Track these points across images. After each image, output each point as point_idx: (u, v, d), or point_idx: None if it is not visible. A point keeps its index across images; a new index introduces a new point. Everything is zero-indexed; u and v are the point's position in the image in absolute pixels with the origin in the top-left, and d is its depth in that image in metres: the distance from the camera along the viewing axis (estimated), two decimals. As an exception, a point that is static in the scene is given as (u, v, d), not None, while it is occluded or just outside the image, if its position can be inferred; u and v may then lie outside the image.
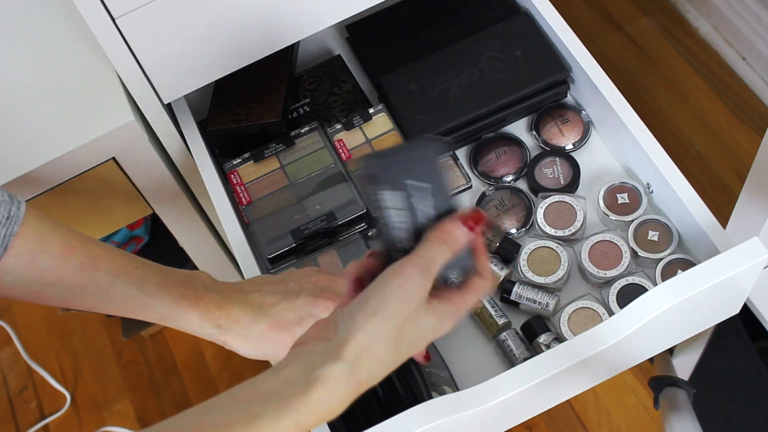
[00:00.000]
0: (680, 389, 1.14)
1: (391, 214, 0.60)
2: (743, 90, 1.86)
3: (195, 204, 1.16)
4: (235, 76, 0.96)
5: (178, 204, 1.13)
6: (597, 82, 0.92)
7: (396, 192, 0.60)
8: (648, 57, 1.94)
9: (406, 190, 0.60)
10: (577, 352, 0.73)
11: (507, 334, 0.85)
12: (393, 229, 0.60)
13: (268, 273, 0.93)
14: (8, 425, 1.83)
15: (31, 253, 0.67)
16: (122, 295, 0.71)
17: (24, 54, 1.03)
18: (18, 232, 0.66)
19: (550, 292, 0.87)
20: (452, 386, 0.84)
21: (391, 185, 0.59)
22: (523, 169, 0.97)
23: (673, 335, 0.86)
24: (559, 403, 0.82)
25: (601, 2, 2.03)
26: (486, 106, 0.96)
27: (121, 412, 1.82)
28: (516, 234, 0.93)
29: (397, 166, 0.59)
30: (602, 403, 1.64)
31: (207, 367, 1.85)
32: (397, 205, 0.60)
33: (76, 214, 1.06)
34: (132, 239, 1.72)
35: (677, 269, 0.85)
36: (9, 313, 1.96)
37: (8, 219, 0.65)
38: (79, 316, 1.91)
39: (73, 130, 0.96)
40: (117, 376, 1.86)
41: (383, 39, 1.08)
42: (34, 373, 1.88)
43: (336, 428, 0.77)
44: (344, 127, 1.00)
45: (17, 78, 1.01)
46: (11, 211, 0.66)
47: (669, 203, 0.88)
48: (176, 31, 0.87)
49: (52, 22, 1.02)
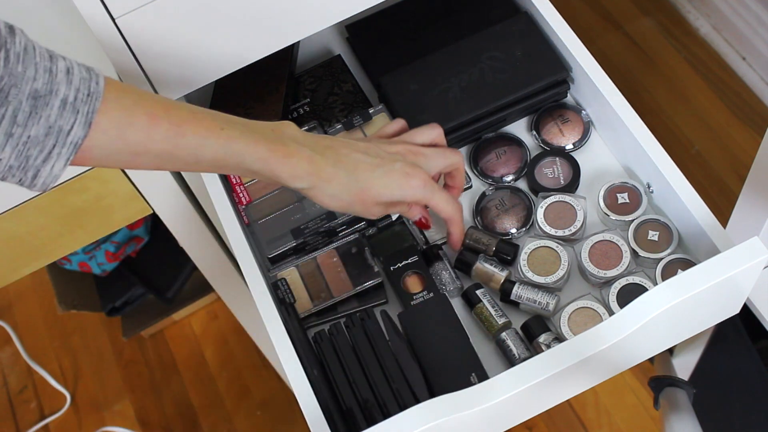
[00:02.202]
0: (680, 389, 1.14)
1: None
2: (743, 90, 1.86)
3: (195, 204, 1.16)
4: (235, 76, 0.96)
5: (178, 204, 1.13)
6: (597, 82, 0.92)
7: None
8: (648, 57, 1.94)
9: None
10: (577, 352, 0.73)
11: (507, 333, 0.85)
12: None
13: (269, 273, 0.93)
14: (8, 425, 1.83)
15: (117, 127, 0.67)
16: (211, 155, 0.72)
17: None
18: (100, 107, 0.66)
19: (550, 292, 0.87)
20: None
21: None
22: (523, 169, 0.97)
23: (673, 335, 0.86)
24: (559, 403, 0.82)
25: (601, 2, 2.03)
26: (486, 106, 0.96)
27: (121, 412, 1.82)
28: (516, 234, 0.93)
29: None
30: (602, 403, 1.64)
31: (207, 367, 1.85)
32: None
33: (76, 214, 1.06)
34: (132, 239, 1.72)
35: (677, 269, 0.85)
36: (9, 313, 1.96)
37: (89, 96, 0.65)
38: (79, 316, 1.91)
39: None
40: (117, 376, 1.87)
41: (383, 39, 1.08)
42: (34, 373, 1.88)
43: (336, 428, 0.77)
44: (344, 127, 1.00)
45: (17, 78, 1.01)
46: (91, 87, 0.66)
47: (669, 203, 0.88)
48: (176, 31, 0.87)
49: (51, 22, 1.02)
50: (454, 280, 0.90)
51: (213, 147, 0.72)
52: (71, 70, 0.65)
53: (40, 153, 0.64)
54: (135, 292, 1.77)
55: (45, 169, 0.65)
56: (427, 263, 0.91)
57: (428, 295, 0.88)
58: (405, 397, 0.78)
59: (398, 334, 0.82)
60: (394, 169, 0.80)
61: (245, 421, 1.77)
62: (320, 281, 0.92)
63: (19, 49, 0.63)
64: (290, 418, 1.75)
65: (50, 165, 0.65)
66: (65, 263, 1.71)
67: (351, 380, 0.80)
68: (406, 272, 0.90)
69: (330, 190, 0.77)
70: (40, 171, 0.65)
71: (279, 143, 0.75)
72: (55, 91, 0.64)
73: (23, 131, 0.63)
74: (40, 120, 0.63)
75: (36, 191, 0.67)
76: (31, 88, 0.63)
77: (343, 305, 0.91)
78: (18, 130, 0.63)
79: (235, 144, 0.73)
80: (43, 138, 0.64)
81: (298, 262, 0.93)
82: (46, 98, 0.64)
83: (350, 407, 0.79)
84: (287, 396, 1.76)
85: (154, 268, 1.76)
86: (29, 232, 1.06)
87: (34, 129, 0.64)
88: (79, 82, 0.65)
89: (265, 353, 1.69)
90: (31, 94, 0.63)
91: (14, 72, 0.62)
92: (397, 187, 0.80)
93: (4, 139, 0.63)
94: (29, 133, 0.63)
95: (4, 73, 0.62)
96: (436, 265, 0.91)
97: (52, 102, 0.64)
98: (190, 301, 1.86)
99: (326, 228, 0.92)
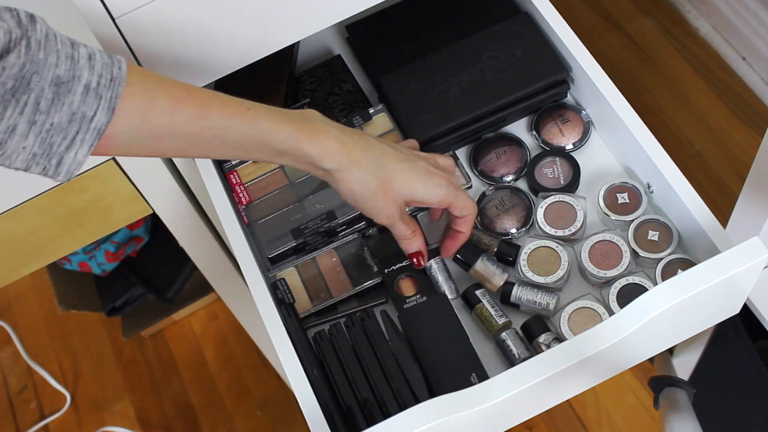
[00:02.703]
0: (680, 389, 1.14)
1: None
2: (743, 90, 1.86)
3: (195, 204, 1.15)
4: (235, 76, 0.96)
5: (178, 204, 1.13)
6: (597, 82, 0.92)
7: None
8: (648, 57, 1.94)
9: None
10: (577, 352, 0.73)
11: (507, 333, 0.85)
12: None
13: (268, 273, 0.93)
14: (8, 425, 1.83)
15: (141, 111, 0.67)
16: (237, 136, 0.71)
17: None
18: (124, 92, 0.65)
19: (550, 292, 0.87)
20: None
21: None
22: (523, 169, 0.97)
23: (673, 335, 0.86)
24: (559, 403, 0.82)
25: (601, 2, 2.03)
26: (486, 106, 0.96)
27: (121, 412, 1.82)
28: (516, 234, 0.93)
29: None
30: (602, 403, 1.64)
31: (207, 367, 1.85)
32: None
33: (76, 214, 1.06)
34: (132, 239, 1.72)
35: (677, 269, 0.85)
36: (9, 313, 1.96)
37: (111, 81, 0.65)
38: (79, 316, 1.91)
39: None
40: (117, 376, 1.87)
41: (383, 39, 1.08)
42: (34, 373, 1.88)
43: (336, 428, 0.77)
44: (344, 127, 1.01)
45: (17, 78, 1.01)
46: (113, 73, 0.65)
47: (669, 203, 0.88)
48: (176, 31, 0.87)
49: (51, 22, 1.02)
50: (450, 285, 0.90)
51: (239, 127, 0.71)
52: (93, 57, 0.65)
53: (63, 140, 0.64)
54: (135, 292, 1.77)
55: (69, 156, 0.65)
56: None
57: (421, 299, 0.88)
58: (405, 397, 0.78)
59: (398, 334, 0.82)
60: (418, 166, 0.80)
61: (245, 421, 1.77)
62: (320, 281, 0.92)
63: (41, 37, 0.63)
64: (290, 418, 1.75)
65: (74, 152, 0.65)
66: (65, 263, 1.71)
67: (351, 380, 0.80)
68: (400, 275, 0.90)
69: (358, 174, 0.76)
70: (64, 158, 0.65)
71: (307, 123, 0.74)
72: (78, 77, 0.64)
73: (46, 118, 0.63)
74: (63, 107, 0.63)
75: (60, 180, 0.66)
76: (53, 75, 0.63)
77: (343, 305, 0.91)
78: (41, 118, 0.63)
79: (262, 123, 0.72)
80: (67, 125, 0.64)
81: (297, 262, 0.93)
82: (68, 84, 0.63)
83: (350, 407, 0.79)
84: (287, 396, 1.76)
85: (154, 268, 1.76)
86: (29, 232, 1.06)
87: (57, 116, 0.63)
88: (101, 68, 0.65)
89: (265, 353, 1.69)
90: (54, 80, 0.63)
91: (36, 59, 0.62)
92: (422, 183, 0.79)
93: (27, 126, 0.62)
94: (52, 120, 0.63)
95: (26, 60, 0.61)
96: (432, 265, 0.90)
97: (75, 88, 0.63)
98: (190, 301, 1.86)
99: (326, 228, 0.92)
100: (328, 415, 0.77)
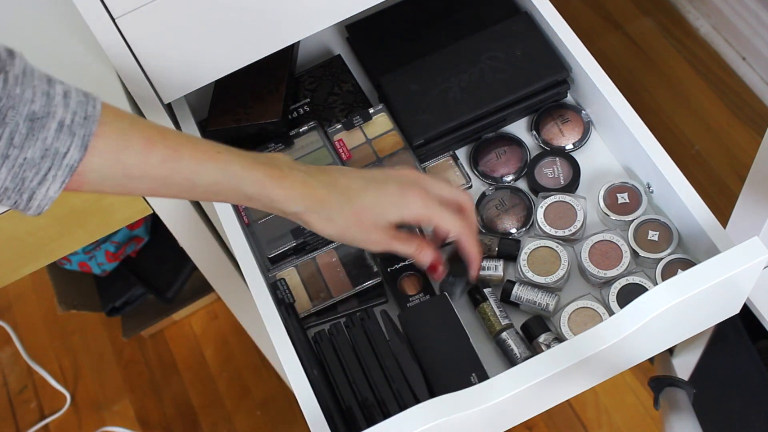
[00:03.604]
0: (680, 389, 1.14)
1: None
2: (743, 90, 1.86)
3: (195, 204, 1.15)
4: (235, 76, 0.96)
5: (178, 204, 1.13)
6: (597, 82, 0.92)
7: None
8: (648, 57, 1.94)
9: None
10: (577, 352, 0.73)
11: (507, 333, 0.85)
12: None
13: (268, 273, 0.93)
14: (8, 425, 1.83)
15: (114, 150, 0.67)
16: (207, 180, 0.72)
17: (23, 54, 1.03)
18: (97, 131, 0.66)
19: (550, 292, 0.87)
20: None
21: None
22: (523, 169, 0.97)
23: (673, 335, 0.86)
24: (559, 403, 0.82)
25: (601, 2, 2.03)
26: (486, 106, 0.96)
27: (121, 412, 1.82)
28: (516, 234, 0.93)
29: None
30: (602, 403, 1.64)
31: (207, 367, 1.85)
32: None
33: (76, 214, 1.06)
34: (132, 239, 1.72)
35: (677, 269, 0.85)
36: (9, 313, 1.96)
37: (85, 119, 0.65)
38: (79, 316, 1.91)
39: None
40: (117, 376, 1.86)
41: (383, 39, 1.08)
42: (34, 373, 1.88)
43: (336, 428, 0.77)
44: (344, 127, 1.00)
45: (17, 78, 1.01)
46: (87, 111, 0.66)
47: (669, 203, 0.88)
48: (176, 31, 0.87)
49: (51, 22, 1.02)
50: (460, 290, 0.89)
51: (210, 170, 0.72)
52: (68, 94, 0.66)
53: (35, 175, 0.64)
54: (135, 292, 1.77)
55: (40, 192, 0.65)
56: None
57: (424, 297, 0.88)
58: (405, 397, 0.78)
59: (398, 334, 0.82)
60: (387, 186, 0.78)
61: (245, 421, 1.77)
62: (319, 281, 0.92)
63: (18, 72, 0.63)
64: (290, 418, 1.75)
65: (45, 187, 0.65)
66: (65, 263, 1.71)
67: (351, 380, 0.80)
68: (403, 274, 0.90)
69: (325, 213, 0.76)
70: (36, 193, 0.65)
71: (274, 167, 0.75)
72: (52, 114, 0.64)
73: (19, 153, 0.63)
74: (36, 142, 0.64)
75: (31, 214, 0.67)
76: (28, 110, 0.63)
77: (343, 305, 0.91)
78: (14, 152, 0.63)
79: (232, 168, 0.72)
80: (39, 160, 0.64)
81: (297, 262, 0.93)
82: (43, 120, 0.64)
83: (350, 407, 0.79)
84: (287, 396, 1.76)
85: (154, 268, 1.76)
86: (29, 232, 1.06)
87: (30, 151, 0.64)
88: (76, 106, 0.65)
89: (265, 353, 1.69)
90: (29, 116, 0.63)
91: (12, 94, 0.62)
92: (391, 204, 0.78)
93: (0, 160, 0.63)
94: (25, 155, 0.63)
95: (2, 95, 0.62)
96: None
97: (49, 124, 0.64)
98: (190, 301, 1.86)
99: (326, 228, 0.92)
100: (328, 415, 0.77)
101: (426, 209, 0.79)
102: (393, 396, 0.79)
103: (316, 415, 0.76)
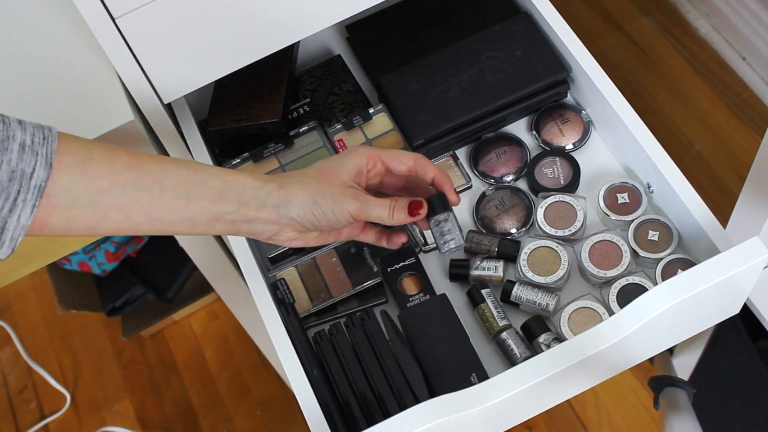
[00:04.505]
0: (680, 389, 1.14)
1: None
2: (743, 90, 1.86)
3: (195, 204, 1.15)
4: (235, 76, 0.96)
5: (178, 204, 1.13)
6: (597, 82, 0.92)
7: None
8: (648, 57, 1.94)
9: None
10: (577, 352, 0.73)
11: (507, 333, 0.85)
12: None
13: (268, 273, 0.93)
14: (8, 425, 1.83)
15: (79, 163, 0.68)
16: (174, 179, 0.72)
17: (23, 54, 1.03)
18: (59, 148, 0.67)
19: (550, 292, 0.87)
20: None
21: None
22: (523, 169, 0.97)
23: (673, 335, 0.86)
24: (559, 403, 0.82)
25: (601, 2, 2.03)
26: (486, 106, 0.96)
27: (121, 412, 1.82)
28: (516, 234, 0.93)
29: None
30: (602, 403, 1.64)
31: (207, 367, 1.85)
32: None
33: (76, 214, 1.06)
34: (132, 239, 1.72)
35: (677, 269, 0.85)
36: (9, 313, 1.96)
37: (44, 139, 0.66)
38: (79, 316, 1.91)
39: (73, 130, 0.96)
40: (117, 376, 1.86)
41: (383, 39, 1.08)
42: (34, 373, 1.88)
43: (336, 428, 0.77)
44: (344, 127, 1.00)
45: (17, 78, 1.01)
46: (45, 132, 0.67)
47: (669, 203, 0.88)
48: (176, 31, 0.87)
49: (51, 22, 1.02)
50: (457, 234, 0.81)
51: (175, 169, 0.72)
52: (23, 122, 0.66)
53: (5, 201, 0.64)
54: (135, 292, 1.77)
55: (12, 221, 0.65)
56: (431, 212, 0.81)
57: (424, 297, 0.89)
58: (405, 397, 0.78)
59: (398, 334, 0.82)
60: (335, 155, 0.80)
61: (245, 421, 1.77)
62: (319, 281, 0.92)
63: None
64: (290, 418, 1.75)
65: (17, 215, 0.65)
66: (65, 263, 1.71)
67: (351, 380, 0.80)
68: (403, 274, 0.90)
69: (295, 179, 0.76)
70: (8, 223, 0.65)
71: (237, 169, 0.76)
72: (12, 137, 0.64)
73: None
74: (2, 165, 0.63)
75: (3, 253, 0.66)
76: None
77: (342, 305, 0.91)
78: None
79: (196, 164, 0.74)
80: (7, 183, 0.64)
81: (297, 262, 0.93)
82: (4, 143, 0.64)
83: (350, 407, 0.79)
84: (287, 396, 1.76)
85: (154, 268, 1.76)
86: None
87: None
88: (32, 129, 0.66)
89: (265, 353, 1.69)
90: None
91: None
92: (343, 156, 0.79)
93: None
94: None
95: None
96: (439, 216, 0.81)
97: (11, 146, 0.64)
98: (190, 301, 1.86)
99: (326, 228, 0.92)
100: (328, 415, 0.77)
101: (375, 151, 0.80)
102: (393, 396, 0.79)
103: (316, 415, 0.76)
